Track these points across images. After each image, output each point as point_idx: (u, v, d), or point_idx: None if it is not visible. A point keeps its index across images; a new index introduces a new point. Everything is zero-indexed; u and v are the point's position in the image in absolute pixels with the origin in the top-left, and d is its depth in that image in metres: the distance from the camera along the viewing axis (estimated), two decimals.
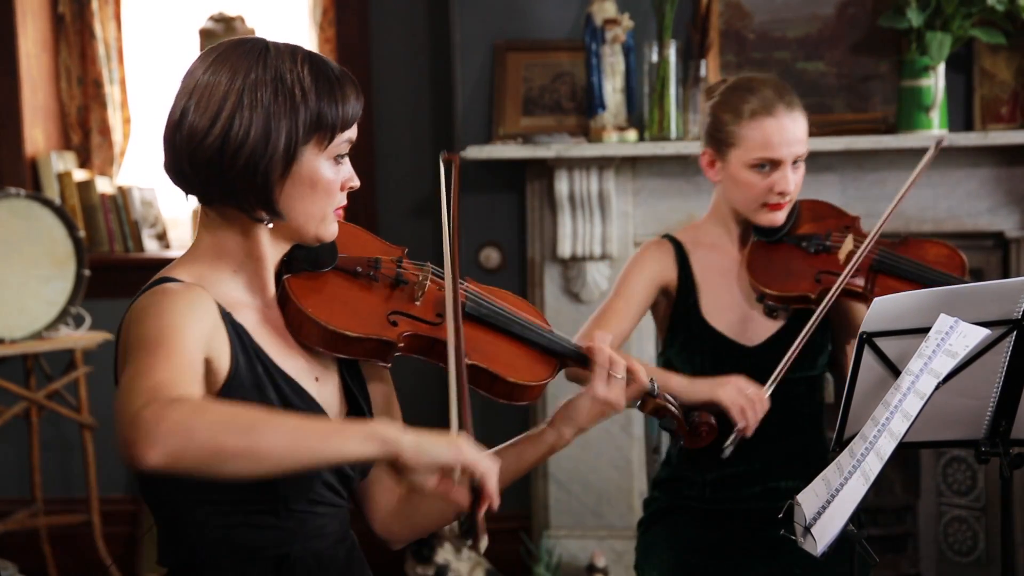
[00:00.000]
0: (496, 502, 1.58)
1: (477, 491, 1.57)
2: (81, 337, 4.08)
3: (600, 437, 4.02)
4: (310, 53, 1.75)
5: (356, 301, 1.81)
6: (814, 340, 2.61)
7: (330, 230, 1.78)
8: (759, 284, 2.60)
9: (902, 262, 2.59)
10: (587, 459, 4.04)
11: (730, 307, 2.65)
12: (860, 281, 2.57)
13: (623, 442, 4.04)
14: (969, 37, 3.79)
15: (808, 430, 2.69)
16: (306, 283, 1.79)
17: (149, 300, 1.66)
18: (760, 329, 2.64)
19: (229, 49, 1.73)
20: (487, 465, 1.57)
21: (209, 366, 1.67)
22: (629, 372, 1.95)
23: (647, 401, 2.03)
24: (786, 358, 2.50)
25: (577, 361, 1.95)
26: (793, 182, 2.60)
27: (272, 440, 1.45)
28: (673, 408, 2.06)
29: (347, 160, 1.78)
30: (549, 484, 4.06)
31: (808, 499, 1.86)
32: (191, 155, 1.70)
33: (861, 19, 3.94)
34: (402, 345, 1.79)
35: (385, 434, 1.51)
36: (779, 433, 2.64)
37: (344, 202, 1.79)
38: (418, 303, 1.84)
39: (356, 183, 1.79)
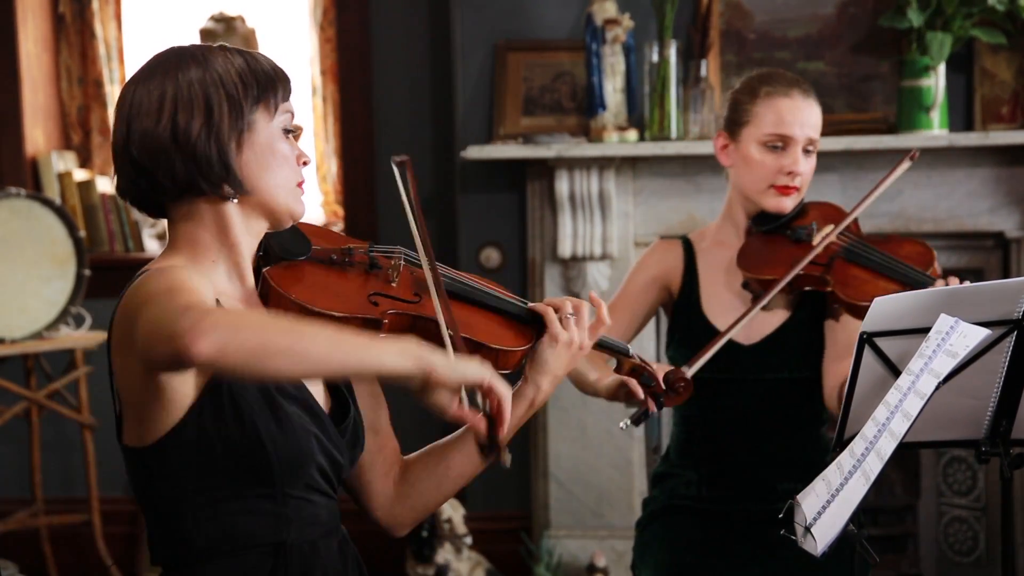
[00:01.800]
0: (507, 426, 1.72)
1: (490, 416, 1.71)
2: (81, 337, 4.08)
3: (601, 437, 4.02)
4: (231, 47, 1.83)
5: (336, 285, 1.85)
6: (811, 338, 2.62)
7: (300, 204, 1.83)
8: (740, 267, 2.63)
9: (869, 252, 2.59)
10: (587, 459, 4.04)
11: (731, 304, 2.66)
12: (820, 265, 2.58)
13: (623, 442, 4.04)
14: (969, 37, 3.79)
15: (807, 431, 2.68)
16: (285, 272, 1.83)
17: (147, 277, 1.69)
18: (758, 327, 2.64)
19: (148, 64, 1.80)
20: (504, 389, 1.70)
21: None
22: (575, 309, 1.96)
23: (623, 362, 2.13)
24: (727, 330, 2.53)
25: (536, 323, 1.96)
26: (803, 166, 2.61)
27: (315, 341, 1.53)
28: (650, 368, 2.14)
29: (293, 139, 1.84)
30: (549, 484, 4.06)
31: (808, 499, 1.86)
32: (148, 153, 1.74)
33: (861, 19, 3.94)
34: (386, 323, 1.83)
35: (419, 351, 1.59)
36: (777, 434, 2.64)
37: (303, 178, 1.84)
38: (394, 284, 1.88)
39: (308, 158, 1.85)
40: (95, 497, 4.16)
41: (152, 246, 4.49)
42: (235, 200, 1.78)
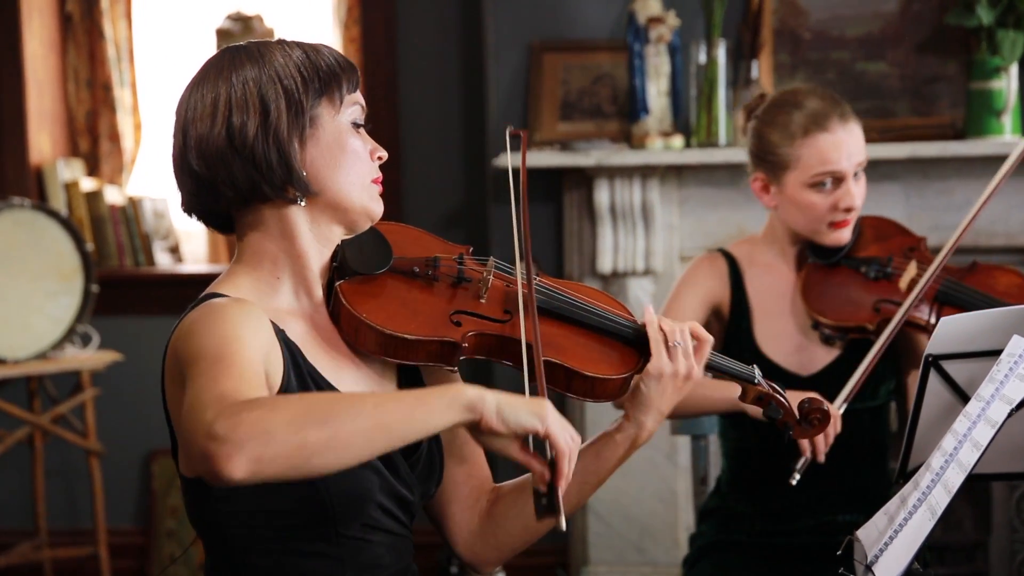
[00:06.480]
0: (566, 481, 1.59)
1: (553, 466, 1.58)
2: (88, 357, 4.10)
3: (643, 467, 4.00)
4: (290, 40, 1.83)
5: (415, 303, 1.81)
6: (876, 369, 2.60)
7: (377, 203, 1.83)
8: (814, 311, 2.61)
9: (969, 293, 2.57)
10: (629, 490, 4.03)
11: (785, 334, 2.65)
12: (923, 313, 2.56)
13: (668, 472, 4.02)
14: None
15: (870, 462, 2.68)
16: (360, 287, 1.80)
17: (200, 314, 1.68)
18: (815, 359, 2.64)
19: (203, 67, 1.81)
20: (567, 441, 1.58)
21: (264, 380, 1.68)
22: (692, 334, 1.90)
23: (748, 390, 1.97)
24: (851, 385, 2.50)
25: (644, 344, 1.88)
26: (858, 195, 2.60)
27: (353, 425, 1.48)
28: (779, 396, 1.98)
29: (365, 133, 1.84)
30: (588, 516, 4.05)
31: (869, 534, 1.85)
32: (206, 160, 1.75)
33: (927, 16, 3.92)
34: (467, 346, 1.78)
35: (469, 398, 1.55)
36: (840, 464, 2.62)
37: (379, 175, 1.84)
38: (483, 300, 1.83)
39: (384, 153, 1.85)
40: (102, 529, 4.18)
41: (164, 260, 4.51)
42: (302, 203, 1.77)
